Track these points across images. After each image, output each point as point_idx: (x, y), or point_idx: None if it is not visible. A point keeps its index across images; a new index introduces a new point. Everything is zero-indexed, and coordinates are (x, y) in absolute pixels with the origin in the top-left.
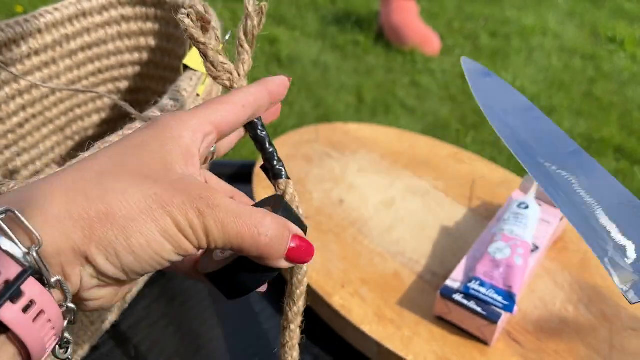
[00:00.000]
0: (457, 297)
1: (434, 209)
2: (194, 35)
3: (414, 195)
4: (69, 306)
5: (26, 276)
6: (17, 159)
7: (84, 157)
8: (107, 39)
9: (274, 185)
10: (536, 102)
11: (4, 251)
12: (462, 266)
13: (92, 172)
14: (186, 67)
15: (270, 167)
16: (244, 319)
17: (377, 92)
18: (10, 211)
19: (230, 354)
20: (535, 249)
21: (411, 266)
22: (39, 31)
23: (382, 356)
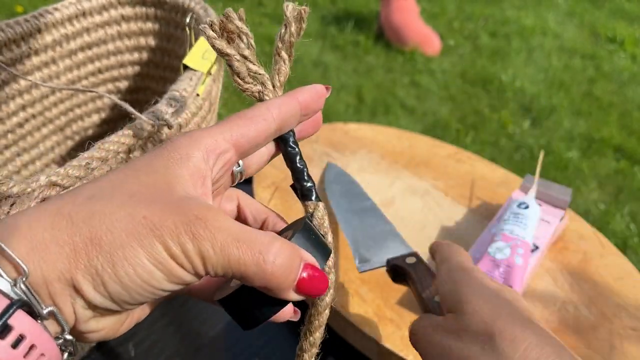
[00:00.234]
0: None
1: (433, 208)
2: (216, 46)
3: (414, 195)
4: (66, 338)
5: (13, 309)
6: (17, 159)
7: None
8: (107, 39)
9: (303, 206)
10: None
11: None
12: None
13: (82, 196)
14: (186, 67)
15: (299, 187)
16: None
17: (377, 92)
18: None
19: (230, 354)
20: (535, 249)
21: None
22: (39, 31)
23: (382, 356)
